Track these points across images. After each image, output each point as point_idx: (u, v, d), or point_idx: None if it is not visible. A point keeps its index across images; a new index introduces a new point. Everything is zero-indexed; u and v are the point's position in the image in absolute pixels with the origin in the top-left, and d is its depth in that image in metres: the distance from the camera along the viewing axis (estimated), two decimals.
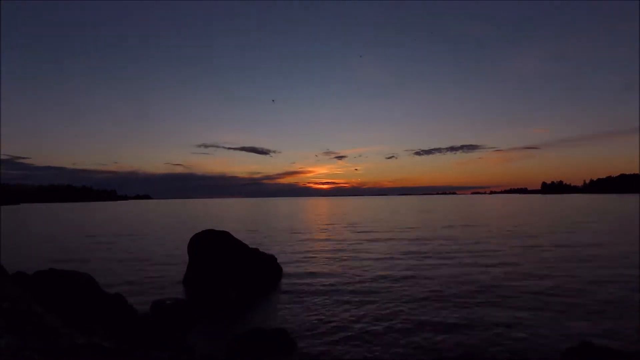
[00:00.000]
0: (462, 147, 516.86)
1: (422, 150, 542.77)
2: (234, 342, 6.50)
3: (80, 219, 51.05)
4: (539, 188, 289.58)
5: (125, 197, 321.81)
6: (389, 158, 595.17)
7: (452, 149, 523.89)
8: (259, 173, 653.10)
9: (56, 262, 14.16)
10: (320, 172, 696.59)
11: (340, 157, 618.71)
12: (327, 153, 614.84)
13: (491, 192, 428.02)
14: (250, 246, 12.91)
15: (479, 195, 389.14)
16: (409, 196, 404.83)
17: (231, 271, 11.60)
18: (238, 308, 9.31)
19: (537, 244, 18.97)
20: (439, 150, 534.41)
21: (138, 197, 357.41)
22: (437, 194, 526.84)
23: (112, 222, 42.43)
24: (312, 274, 12.74)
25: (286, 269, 13.36)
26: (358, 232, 26.80)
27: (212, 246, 11.96)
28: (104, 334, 5.14)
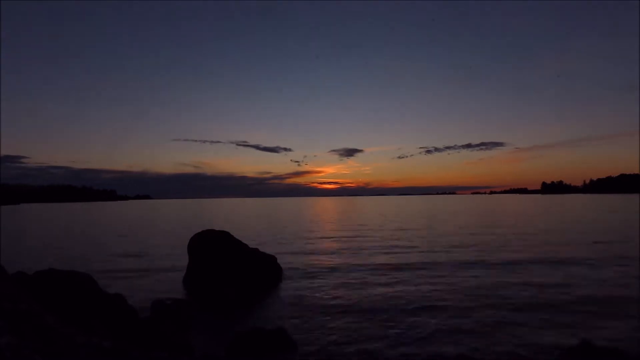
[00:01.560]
0: (480, 145, 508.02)
1: (435, 148, 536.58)
2: (234, 342, 6.50)
3: (80, 218, 51.04)
4: (539, 188, 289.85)
5: (125, 197, 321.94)
6: (400, 157, 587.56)
7: (469, 146, 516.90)
8: (268, 173, 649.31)
9: (56, 262, 14.16)
10: (329, 172, 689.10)
11: (351, 156, 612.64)
12: (338, 152, 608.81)
13: (491, 192, 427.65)
14: (251, 246, 12.92)
15: (479, 195, 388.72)
16: (407, 196, 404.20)
17: (231, 271, 11.60)
18: (238, 308, 9.31)
19: (534, 243, 18.98)
20: (453, 147, 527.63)
21: (138, 197, 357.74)
22: (437, 194, 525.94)
23: (112, 222, 42.43)
24: (313, 274, 12.74)
25: (287, 268, 13.36)
26: (360, 232, 26.80)
27: (212, 246, 11.96)
28: (104, 334, 5.14)
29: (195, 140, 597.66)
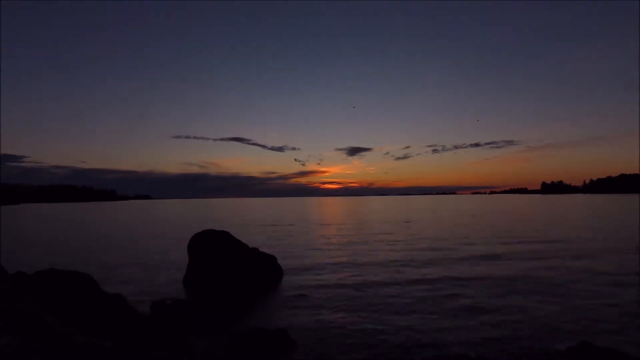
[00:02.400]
0: (491, 143, 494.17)
1: (443, 147, 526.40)
2: (234, 342, 6.51)
3: (80, 219, 51.04)
4: (539, 188, 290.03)
5: (125, 197, 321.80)
6: (405, 157, 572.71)
7: (477, 145, 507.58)
8: (273, 172, 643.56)
9: (56, 262, 14.16)
10: (334, 172, 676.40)
11: (357, 156, 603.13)
12: (344, 151, 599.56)
13: (491, 192, 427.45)
14: (250, 246, 12.92)
15: (478, 195, 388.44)
16: (406, 196, 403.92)
17: (231, 271, 11.60)
18: (238, 308, 9.31)
19: (532, 244, 18.98)
20: (462, 146, 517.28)
21: (138, 197, 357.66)
22: (438, 194, 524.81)
23: (112, 222, 42.43)
24: (313, 274, 12.73)
25: (286, 268, 13.36)
26: (360, 232, 26.79)
27: (211, 246, 11.96)
28: (104, 334, 5.14)
29: (198, 138, 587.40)
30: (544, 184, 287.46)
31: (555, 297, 9.48)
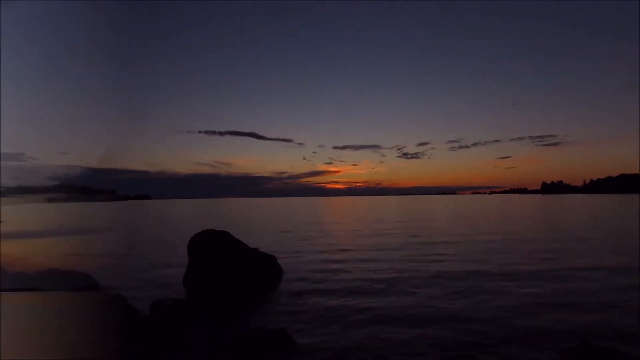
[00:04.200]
0: (512, 141, 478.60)
1: (460, 146, 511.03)
2: (234, 342, 6.51)
3: (80, 218, 51.02)
4: (539, 188, 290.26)
5: (125, 197, 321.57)
6: (414, 157, 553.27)
7: (496, 141, 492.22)
8: (285, 173, 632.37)
9: (56, 262, 14.15)
10: (344, 172, 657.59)
11: (369, 155, 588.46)
12: (356, 150, 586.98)
13: (491, 192, 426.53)
14: (250, 246, 12.92)
15: (479, 195, 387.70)
16: (401, 196, 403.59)
17: (231, 271, 11.61)
18: (238, 308, 9.31)
19: (532, 243, 18.98)
20: (481, 144, 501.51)
21: (138, 197, 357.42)
22: (437, 194, 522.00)
23: (111, 222, 42.43)
24: (313, 274, 12.73)
25: (287, 268, 13.36)
26: (362, 231, 26.80)
27: (212, 246, 11.97)
28: (104, 334, 5.15)
29: (202, 132, 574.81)
30: (544, 184, 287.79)
31: (554, 297, 9.48)
